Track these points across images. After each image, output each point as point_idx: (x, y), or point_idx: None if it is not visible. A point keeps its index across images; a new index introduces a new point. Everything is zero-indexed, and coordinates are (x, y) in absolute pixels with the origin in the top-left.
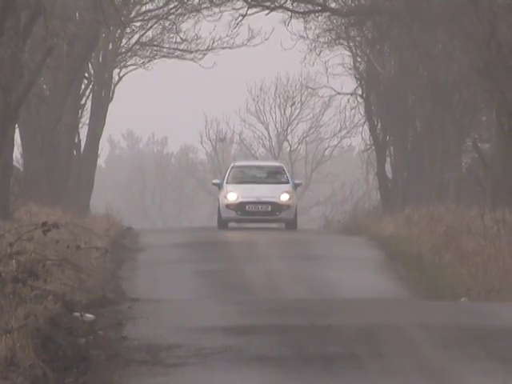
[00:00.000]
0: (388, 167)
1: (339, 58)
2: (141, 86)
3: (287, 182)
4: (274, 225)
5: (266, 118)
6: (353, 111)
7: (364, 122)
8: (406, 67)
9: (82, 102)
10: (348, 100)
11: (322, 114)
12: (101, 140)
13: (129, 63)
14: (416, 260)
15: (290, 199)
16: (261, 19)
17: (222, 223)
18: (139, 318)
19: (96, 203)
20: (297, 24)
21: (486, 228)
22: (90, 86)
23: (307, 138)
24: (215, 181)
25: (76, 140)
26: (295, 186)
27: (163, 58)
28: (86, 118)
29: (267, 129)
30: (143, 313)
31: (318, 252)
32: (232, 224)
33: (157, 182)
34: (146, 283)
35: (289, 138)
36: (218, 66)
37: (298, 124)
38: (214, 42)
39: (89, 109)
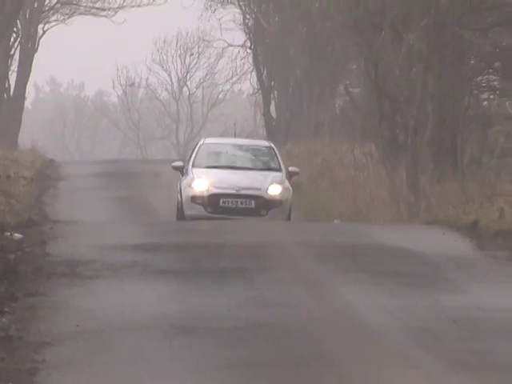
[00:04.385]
0: (273, 108)
1: (231, 15)
2: (62, 39)
3: (279, 169)
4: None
5: (168, 66)
6: (242, 60)
7: (252, 70)
8: (288, 23)
9: (12, 52)
10: (238, 51)
11: (217, 63)
12: (27, 85)
13: (51, 19)
14: (296, 188)
15: (282, 193)
16: None
17: None
18: (60, 238)
19: (23, 139)
20: None
21: (355, 160)
22: (18, 39)
23: (204, 84)
24: (176, 163)
25: (6, 85)
26: (290, 175)
27: (81, 15)
28: (14, 66)
29: (169, 75)
30: (63, 233)
31: None
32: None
33: (75, 121)
34: (66, 207)
35: (188, 83)
36: (128, 22)
37: (195, 71)
38: (124, 1)
39: (17, 58)
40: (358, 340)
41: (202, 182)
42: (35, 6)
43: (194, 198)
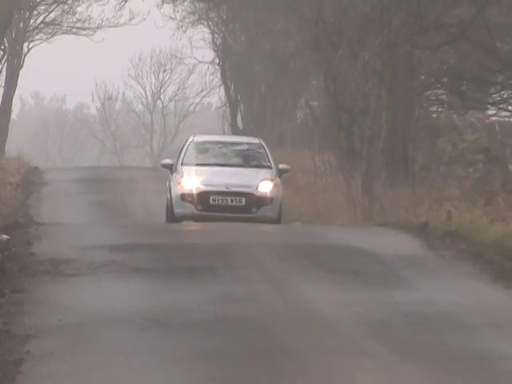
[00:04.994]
0: (239, 120)
1: (201, 34)
2: (45, 56)
3: (269, 166)
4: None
5: (143, 81)
6: (211, 76)
7: (220, 85)
8: (253, 42)
9: None
10: (208, 67)
11: (188, 78)
12: (13, 98)
13: (36, 38)
14: None
15: (272, 190)
16: (139, 3)
17: (174, 222)
18: (44, 238)
19: (9, 149)
20: (168, 7)
21: (315, 168)
22: (5, 56)
23: (176, 97)
24: (165, 161)
25: None
26: (280, 172)
27: (63, 34)
28: (1, 81)
29: (144, 90)
30: (47, 234)
31: None
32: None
33: (57, 131)
34: (49, 210)
35: (161, 96)
36: (106, 41)
37: (168, 86)
38: (102, 22)
39: (4, 74)
40: (317, 333)
41: (191, 180)
42: (21, 25)
43: (183, 196)
